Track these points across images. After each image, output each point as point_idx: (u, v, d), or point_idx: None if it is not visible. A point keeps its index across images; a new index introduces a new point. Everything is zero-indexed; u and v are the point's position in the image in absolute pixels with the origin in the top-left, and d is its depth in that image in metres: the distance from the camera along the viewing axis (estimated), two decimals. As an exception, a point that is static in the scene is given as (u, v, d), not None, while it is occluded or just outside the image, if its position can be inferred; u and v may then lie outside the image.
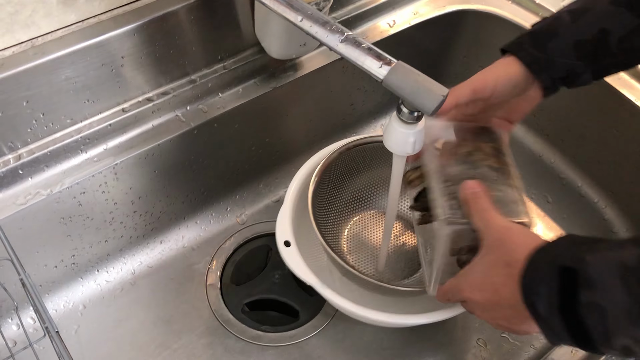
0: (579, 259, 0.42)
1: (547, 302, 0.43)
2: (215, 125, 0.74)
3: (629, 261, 0.39)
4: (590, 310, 0.40)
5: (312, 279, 0.65)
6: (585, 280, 0.41)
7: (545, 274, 0.43)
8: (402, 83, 0.54)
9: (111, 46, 0.64)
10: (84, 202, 0.69)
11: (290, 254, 0.66)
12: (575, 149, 0.90)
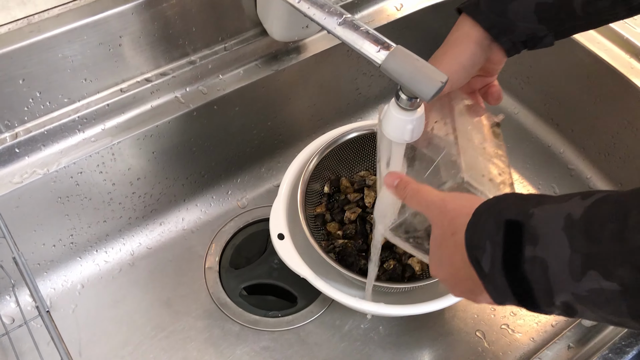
0: (525, 212, 0.40)
1: (491, 257, 0.41)
2: (215, 108, 0.73)
3: (574, 213, 0.37)
4: (533, 265, 0.39)
5: (307, 272, 0.65)
6: (530, 234, 0.39)
7: (490, 229, 0.41)
8: (400, 68, 0.52)
9: (109, 25, 0.63)
10: (82, 182, 0.69)
11: (284, 247, 0.66)
12: (585, 140, 0.88)
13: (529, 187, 0.88)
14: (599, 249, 0.36)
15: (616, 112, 0.81)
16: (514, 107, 0.96)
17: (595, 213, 0.37)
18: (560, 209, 0.38)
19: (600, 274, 0.35)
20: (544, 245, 0.38)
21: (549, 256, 0.38)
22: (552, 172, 0.90)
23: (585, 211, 0.37)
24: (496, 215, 0.41)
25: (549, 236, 0.38)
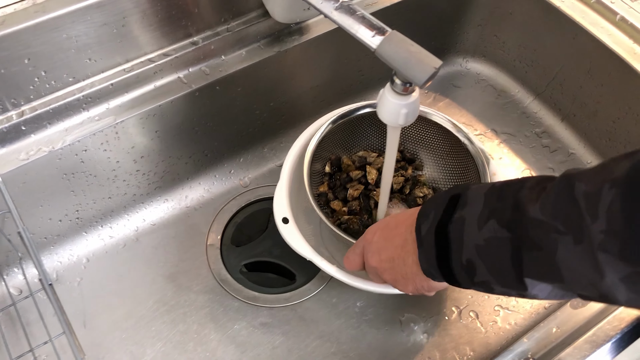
0: (467, 187, 0.48)
1: (430, 223, 0.48)
2: (217, 88, 0.74)
3: (497, 184, 0.46)
4: (456, 224, 0.46)
5: (312, 255, 0.67)
6: (462, 201, 0.47)
7: (438, 202, 0.49)
8: (395, 53, 0.53)
9: (113, 6, 0.64)
10: (86, 160, 0.71)
11: (289, 231, 0.68)
12: (587, 125, 0.88)
13: (531, 172, 0.89)
14: (501, 205, 0.43)
15: (618, 97, 0.81)
16: (517, 90, 0.96)
17: (512, 180, 0.45)
18: (490, 184, 0.47)
19: (497, 222, 0.43)
20: (468, 207, 0.46)
21: (467, 214, 0.46)
22: (553, 156, 0.90)
23: (504, 182, 0.45)
24: (447, 192, 0.49)
25: (473, 199, 0.46)
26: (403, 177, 0.79)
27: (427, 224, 0.49)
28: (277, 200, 0.69)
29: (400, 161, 0.81)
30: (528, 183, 0.43)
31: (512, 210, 0.42)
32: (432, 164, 0.81)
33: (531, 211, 0.40)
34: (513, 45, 0.93)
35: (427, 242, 0.49)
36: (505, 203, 0.43)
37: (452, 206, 0.47)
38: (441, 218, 0.47)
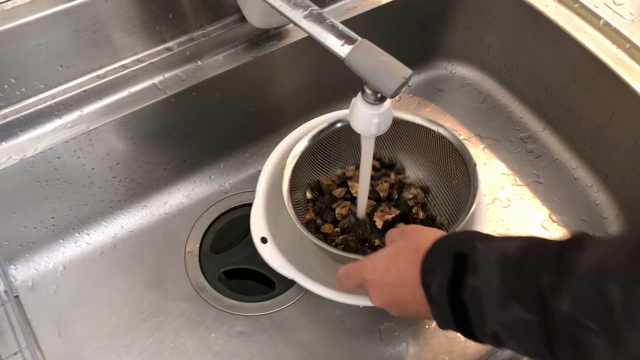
0: (472, 246, 0.45)
1: (439, 283, 0.45)
2: (194, 94, 0.73)
3: (510, 251, 0.42)
4: (472, 293, 0.43)
5: (294, 274, 0.66)
6: (472, 265, 0.44)
7: (442, 258, 0.46)
8: (364, 63, 0.52)
9: (83, 12, 0.63)
10: (60, 167, 0.70)
11: (268, 251, 0.67)
12: (572, 130, 0.87)
13: (515, 177, 0.88)
14: (523, 283, 0.40)
15: (602, 103, 0.80)
16: (502, 94, 0.95)
17: (527, 253, 0.42)
18: (500, 245, 0.43)
19: (521, 306, 0.40)
20: (481, 276, 0.43)
21: (483, 286, 0.43)
22: (537, 161, 0.89)
23: (517, 251, 0.42)
24: (450, 246, 0.47)
25: (486, 269, 0.43)
26: (387, 182, 0.78)
27: (435, 283, 0.46)
28: (254, 221, 0.68)
29: (381, 169, 0.79)
30: (545, 262, 0.39)
31: (537, 299, 0.39)
32: (413, 164, 0.79)
33: (559, 304, 0.38)
34: (498, 49, 0.92)
35: (441, 304, 0.46)
36: (526, 285, 0.40)
37: (460, 266, 0.44)
38: (450, 279, 0.45)
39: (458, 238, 0.47)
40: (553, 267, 0.39)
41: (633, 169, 0.79)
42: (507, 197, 0.86)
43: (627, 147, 0.79)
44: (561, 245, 0.40)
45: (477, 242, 0.45)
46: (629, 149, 0.79)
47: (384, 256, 0.54)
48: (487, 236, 0.46)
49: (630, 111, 0.76)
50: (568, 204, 0.85)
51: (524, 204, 0.85)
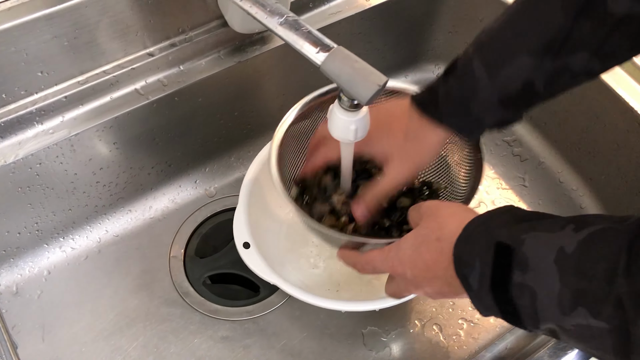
0: (517, 238, 0.40)
1: (480, 276, 0.42)
2: (176, 99, 0.73)
3: (567, 247, 0.38)
4: (521, 291, 0.40)
5: (276, 279, 0.66)
6: (520, 261, 0.40)
7: (481, 248, 0.42)
8: (339, 70, 0.52)
9: (63, 18, 0.63)
10: (42, 173, 0.70)
11: (250, 256, 0.67)
12: (557, 133, 0.87)
13: (501, 181, 0.88)
14: (589, 286, 0.36)
15: (586, 107, 0.80)
16: (488, 98, 0.95)
17: (588, 249, 0.37)
18: (553, 239, 0.39)
19: (588, 312, 0.36)
20: (534, 275, 0.39)
21: (538, 287, 0.39)
22: (523, 165, 0.89)
23: (578, 246, 0.37)
24: (487, 234, 0.42)
25: (540, 267, 0.39)
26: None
27: (475, 276, 0.42)
28: (236, 226, 0.68)
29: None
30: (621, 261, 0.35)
31: (613, 305, 0.35)
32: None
33: None
34: (484, 52, 0.92)
35: (484, 297, 0.42)
36: (594, 287, 0.36)
37: (504, 260, 0.40)
38: (493, 274, 0.41)
39: (495, 224, 0.43)
40: (626, 267, 0.35)
41: (617, 173, 0.79)
42: (492, 200, 0.86)
43: (611, 151, 0.79)
44: (629, 238, 0.36)
45: (523, 233, 0.40)
46: (612, 153, 0.79)
47: (408, 247, 0.50)
48: (530, 223, 0.41)
49: (613, 115, 0.76)
50: (553, 207, 0.85)
51: (509, 208, 0.85)
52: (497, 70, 0.51)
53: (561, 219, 0.41)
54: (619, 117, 0.75)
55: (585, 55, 0.48)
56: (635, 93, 0.73)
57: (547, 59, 0.49)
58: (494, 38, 0.52)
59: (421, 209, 0.52)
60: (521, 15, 0.50)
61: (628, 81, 0.75)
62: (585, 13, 0.46)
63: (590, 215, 0.40)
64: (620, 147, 0.77)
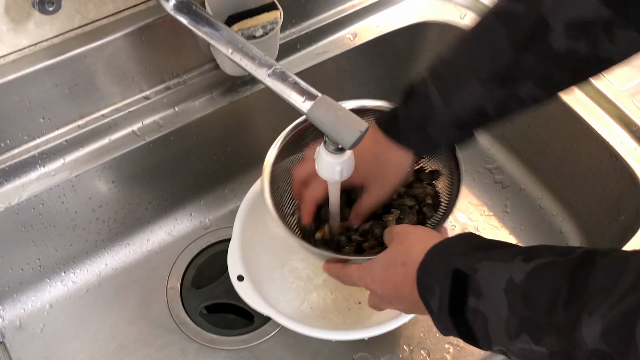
0: (472, 267, 0.44)
1: (439, 301, 0.46)
2: (172, 139, 0.77)
3: (516, 278, 0.42)
4: (476, 315, 0.44)
5: (270, 311, 0.69)
6: (475, 288, 0.44)
7: (440, 274, 0.46)
8: (323, 118, 0.56)
9: (64, 68, 0.67)
10: (44, 212, 0.73)
11: (244, 288, 0.70)
12: (537, 162, 0.91)
13: (484, 208, 0.92)
14: (532, 315, 0.40)
15: (562, 137, 0.84)
16: (471, 127, 0.99)
17: (534, 281, 0.41)
18: (504, 269, 0.43)
19: (531, 338, 0.40)
20: (486, 301, 0.43)
21: (489, 312, 0.43)
22: (504, 191, 0.93)
23: (525, 277, 0.41)
24: (446, 262, 0.47)
25: (491, 295, 0.43)
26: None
27: (435, 301, 0.46)
28: (231, 259, 0.71)
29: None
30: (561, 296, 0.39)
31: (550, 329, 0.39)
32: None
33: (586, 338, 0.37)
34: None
35: (443, 319, 0.46)
36: (537, 315, 0.40)
37: (460, 286, 0.44)
38: (451, 299, 0.45)
39: (453, 252, 0.47)
40: (566, 301, 0.38)
41: (593, 199, 0.83)
42: (476, 227, 0.90)
43: (586, 178, 0.83)
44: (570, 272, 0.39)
45: (477, 262, 0.44)
46: (588, 180, 0.83)
47: (378, 268, 0.55)
48: (486, 252, 0.45)
49: (587, 145, 0.80)
50: (535, 233, 0.89)
51: (493, 234, 0.89)
52: (451, 96, 0.56)
53: (513, 249, 0.45)
54: (592, 147, 0.79)
55: (531, 85, 0.53)
56: (606, 125, 0.78)
57: (496, 87, 0.54)
58: (446, 65, 0.57)
59: (392, 232, 0.57)
60: (471, 45, 0.55)
61: (599, 113, 0.79)
62: (529, 47, 0.51)
63: (539, 247, 0.44)
64: (595, 175, 0.81)
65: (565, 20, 0.48)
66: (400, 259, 0.52)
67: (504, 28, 0.51)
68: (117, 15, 0.69)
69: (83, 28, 0.68)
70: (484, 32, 0.54)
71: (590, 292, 0.38)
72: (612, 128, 0.77)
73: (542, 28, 0.49)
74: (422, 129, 0.58)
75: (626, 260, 0.38)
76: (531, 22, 0.50)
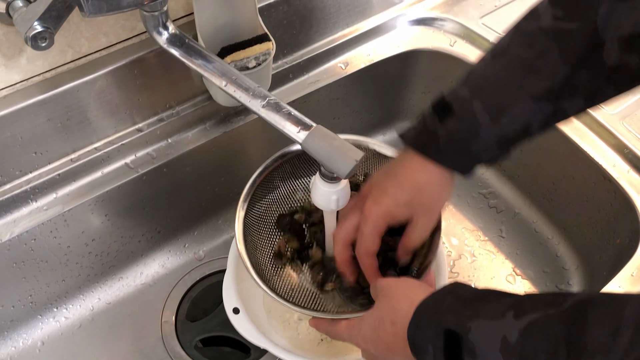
0: (464, 326, 0.44)
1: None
2: (165, 170, 0.77)
3: (510, 336, 0.41)
4: None
5: (266, 344, 0.67)
6: (469, 349, 0.43)
7: (432, 334, 0.45)
8: (319, 147, 0.56)
9: (56, 102, 0.67)
10: (36, 248, 0.72)
11: (240, 321, 0.69)
12: (531, 185, 0.91)
13: (479, 233, 0.91)
14: None
15: (554, 161, 0.85)
16: (463, 153, 0.99)
17: (529, 339, 0.40)
18: (497, 328, 0.42)
19: None
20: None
21: None
22: (499, 216, 0.93)
23: (519, 335, 0.41)
24: (436, 320, 0.46)
25: (487, 356, 0.42)
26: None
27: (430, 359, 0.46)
28: (226, 291, 0.70)
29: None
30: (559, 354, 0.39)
31: None
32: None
33: None
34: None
35: None
36: None
37: (454, 347, 0.44)
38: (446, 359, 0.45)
39: (442, 309, 0.46)
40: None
41: (588, 222, 0.83)
42: (472, 252, 0.89)
43: (580, 202, 0.83)
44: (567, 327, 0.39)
45: (468, 321, 0.44)
46: (582, 203, 0.83)
47: (367, 328, 0.54)
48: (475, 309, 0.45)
49: (580, 169, 0.80)
50: (531, 257, 0.89)
51: (489, 259, 0.89)
52: (500, 114, 0.53)
53: (502, 302, 0.44)
54: (585, 170, 0.80)
55: (580, 101, 0.52)
56: (598, 148, 0.78)
57: (547, 104, 0.52)
58: (493, 82, 0.54)
59: (377, 288, 0.56)
60: (520, 62, 0.53)
61: (591, 136, 0.79)
62: (583, 63, 0.50)
63: (529, 299, 0.44)
64: (589, 199, 0.82)
65: (620, 35, 0.48)
66: (389, 318, 0.51)
67: (556, 45, 0.51)
68: (110, 48, 0.69)
69: (75, 62, 0.68)
70: (533, 49, 0.52)
71: (589, 351, 0.37)
72: (605, 151, 0.77)
73: (596, 44, 0.49)
74: (464, 148, 0.55)
75: (620, 311, 0.38)
76: (585, 39, 0.49)
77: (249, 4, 0.71)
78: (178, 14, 0.72)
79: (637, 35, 0.48)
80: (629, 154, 0.76)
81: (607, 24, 0.48)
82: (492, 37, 0.88)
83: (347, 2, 0.85)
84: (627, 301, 0.38)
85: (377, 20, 0.90)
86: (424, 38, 0.91)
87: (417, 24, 0.92)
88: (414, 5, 0.92)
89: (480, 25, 0.90)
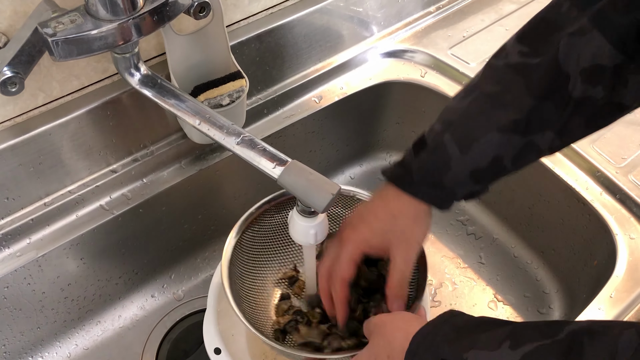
0: (460, 357, 0.43)
1: None
2: (141, 211, 0.76)
3: None
4: None
5: None
6: None
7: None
8: (295, 183, 0.56)
9: (27, 147, 0.66)
10: (9, 296, 0.70)
11: None
12: (507, 211, 0.92)
13: (459, 260, 0.92)
14: None
15: (528, 187, 0.86)
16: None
17: None
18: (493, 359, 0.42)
19: None
20: None
21: None
22: (478, 242, 0.93)
23: None
24: (432, 351, 0.46)
25: None
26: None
27: None
28: (206, 331, 0.69)
29: None
30: None
31: None
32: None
33: None
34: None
35: None
36: None
37: None
38: None
39: (438, 339, 0.46)
40: None
41: (565, 245, 0.84)
42: (452, 280, 0.89)
43: (556, 225, 0.84)
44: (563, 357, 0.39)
45: (463, 351, 0.44)
46: (558, 227, 0.84)
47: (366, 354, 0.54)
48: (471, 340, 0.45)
49: (554, 193, 0.82)
50: (511, 282, 0.89)
51: (470, 286, 0.89)
52: (469, 146, 0.54)
53: (498, 331, 0.44)
54: (559, 194, 0.81)
55: (550, 134, 0.53)
56: (570, 172, 0.79)
57: (515, 137, 0.53)
58: (463, 116, 0.56)
59: (370, 325, 0.55)
60: (487, 96, 0.55)
61: (563, 161, 0.80)
62: (549, 96, 0.52)
63: (524, 328, 0.44)
64: (564, 222, 0.83)
65: (581, 67, 0.49)
66: (385, 352, 0.51)
67: (522, 79, 0.52)
68: (82, 91, 0.69)
69: (47, 105, 0.67)
70: (500, 84, 0.54)
71: None
72: (577, 175, 0.79)
73: (561, 77, 0.50)
74: (437, 180, 0.56)
75: (615, 342, 0.38)
76: (549, 73, 0.51)
77: (221, 42, 0.72)
78: (150, 55, 0.72)
79: (597, 67, 0.49)
80: (601, 176, 0.78)
81: (569, 58, 0.50)
82: (461, 67, 0.89)
83: (319, 38, 0.87)
84: (622, 331, 0.39)
85: (349, 54, 0.91)
86: (395, 70, 0.92)
87: (388, 56, 0.94)
88: (385, 38, 0.94)
89: (449, 55, 0.92)
